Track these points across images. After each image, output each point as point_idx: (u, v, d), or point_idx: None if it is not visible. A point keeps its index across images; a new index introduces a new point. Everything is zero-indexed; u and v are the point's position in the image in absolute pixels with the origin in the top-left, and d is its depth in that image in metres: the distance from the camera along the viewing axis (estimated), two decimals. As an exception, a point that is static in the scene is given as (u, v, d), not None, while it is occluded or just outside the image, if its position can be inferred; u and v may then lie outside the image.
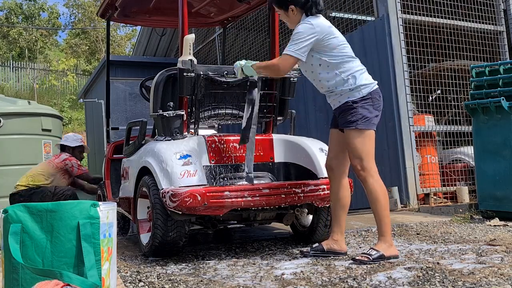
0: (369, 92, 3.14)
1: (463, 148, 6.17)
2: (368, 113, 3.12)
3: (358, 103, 3.12)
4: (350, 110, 3.13)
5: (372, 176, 3.12)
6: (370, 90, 3.15)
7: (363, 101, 3.13)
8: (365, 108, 3.12)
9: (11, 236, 1.92)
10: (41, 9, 26.16)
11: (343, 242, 3.30)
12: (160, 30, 10.23)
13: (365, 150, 3.14)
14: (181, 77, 3.50)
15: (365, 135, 3.14)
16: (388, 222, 3.10)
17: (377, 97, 3.17)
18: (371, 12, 6.14)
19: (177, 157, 3.31)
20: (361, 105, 3.12)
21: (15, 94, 19.27)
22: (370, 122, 3.13)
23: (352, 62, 3.18)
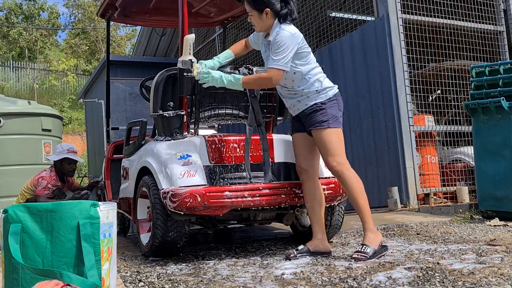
0: (334, 94, 3.31)
1: (463, 148, 6.18)
2: (336, 113, 3.29)
3: (326, 104, 3.28)
4: (319, 111, 3.26)
5: (348, 169, 3.24)
6: (334, 92, 3.33)
7: (330, 102, 3.29)
8: (333, 108, 3.28)
9: (11, 236, 1.92)
10: (41, 9, 26.17)
11: (326, 241, 3.36)
12: (160, 30, 10.24)
13: (338, 147, 3.26)
14: (181, 77, 3.50)
15: (337, 133, 3.28)
16: (368, 211, 3.26)
17: (340, 99, 3.36)
18: (371, 12, 6.15)
19: (177, 157, 3.31)
20: (329, 106, 3.28)
21: (15, 94, 19.29)
22: (338, 120, 3.30)
23: (317, 68, 3.35)
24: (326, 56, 6.71)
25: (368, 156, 6.06)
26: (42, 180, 5.22)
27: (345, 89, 6.41)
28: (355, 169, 3.26)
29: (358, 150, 6.21)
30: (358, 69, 6.19)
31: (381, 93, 5.85)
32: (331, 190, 3.46)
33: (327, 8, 7.34)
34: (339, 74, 6.48)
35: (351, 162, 6.34)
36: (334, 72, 6.56)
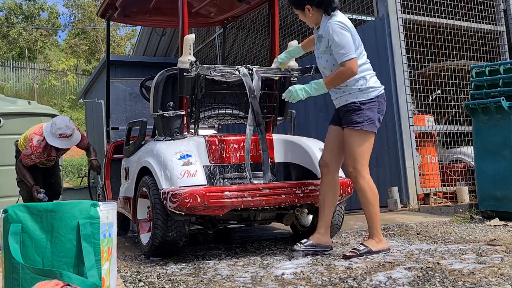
0: (376, 96, 3.22)
1: (463, 148, 6.18)
2: (373, 115, 3.21)
3: (366, 104, 3.20)
4: (357, 110, 3.20)
5: (363, 177, 3.21)
6: (377, 93, 3.24)
7: (370, 103, 3.21)
8: (372, 110, 3.20)
9: (11, 236, 1.92)
10: (40, 9, 26.18)
11: (328, 237, 3.38)
12: (160, 30, 10.24)
13: (362, 152, 3.21)
14: (181, 77, 3.50)
15: (367, 137, 3.22)
16: (377, 220, 3.25)
17: (382, 101, 3.28)
18: (371, 12, 6.14)
19: (177, 157, 3.31)
20: (368, 107, 3.20)
21: (15, 94, 19.29)
22: (374, 124, 3.22)
23: (365, 64, 3.27)
24: (326, 56, 6.69)
25: (368, 156, 6.05)
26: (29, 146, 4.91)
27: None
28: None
29: (358, 150, 6.20)
30: (358, 69, 6.17)
31: (381, 93, 5.84)
32: (331, 190, 3.46)
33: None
34: (339, 74, 6.47)
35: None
36: (334, 72, 6.55)
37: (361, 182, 3.20)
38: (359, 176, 3.20)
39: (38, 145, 4.89)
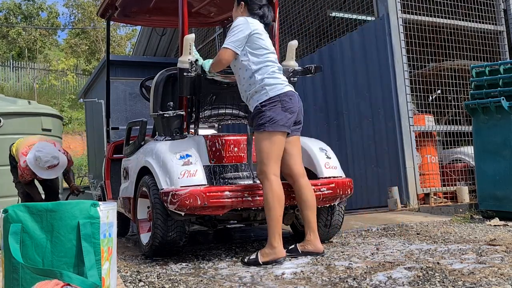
0: (277, 94, 3.16)
1: (463, 148, 6.18)
2: (276, 115, 3.13)
3: (266, 106, 3.16)
4: (259, 113, 3.18)
5: (268, 179, 3.12)
6: (278, 92, 3.17)
7: (271, 104, 3.15)
8: (273, 110, 3.14)
9: (11, 236, 1.92)
10: (40, 8, 26.17)
11: (317, 241, 3.25)
12: (160, 30, 10.24)
13: (267, 154, 3.14)
14: (181, 77, 3.50)
15: (271, 138, 3.14)
16: (274, 226, 3.09)
17: (287, 99, 3.18)
18: (371, 12, 6.14)
19: (177, 157, 3.31)
20: (269, 108, 3.15)
21: (15, 94, 19.29)
22: (277, 124, 3.13)
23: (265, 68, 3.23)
24: (326, 56, 6.71)
25: (368, 156, 6.06)
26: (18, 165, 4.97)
27: (345, 89, 6.41)
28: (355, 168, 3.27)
29: (358, 150, 6.21)
30: (358, 69, 6.19)
31: (381, 93, 5.85)
32: (331, 190, 3.46)
33: (327, 8, 7.34)
34: (339, 74, 6.48)
35: (351, 161, 6.40)
36: (334, 72, 6.56)
37: (265, 183, 3.12)
38: (264, 178, 3.13)
39: (25, 167, 4.99)
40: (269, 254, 3.07)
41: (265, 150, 3.14)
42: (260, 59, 3.24)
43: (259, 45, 3.25)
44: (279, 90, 3.18)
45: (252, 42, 3.23)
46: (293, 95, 3.23)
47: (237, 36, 3.21)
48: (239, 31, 3.21)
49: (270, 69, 3.24)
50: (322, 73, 6.44)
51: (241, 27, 3.22)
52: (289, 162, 3.30)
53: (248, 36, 3.22)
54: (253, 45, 3.24)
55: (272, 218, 3.10)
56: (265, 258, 3.06)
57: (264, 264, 3.04)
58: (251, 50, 3.24)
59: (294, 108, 3.21)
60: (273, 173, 3.13)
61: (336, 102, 6.55)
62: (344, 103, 6.41)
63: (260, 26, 3.31)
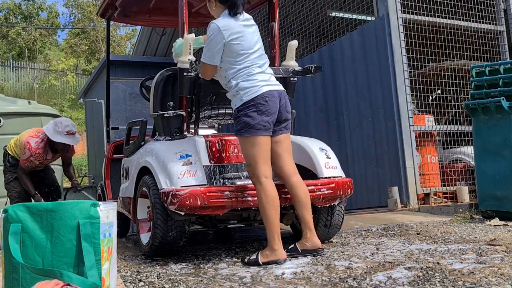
0: (251, 99, 3.11)
1: (463, 148, 6.18)
2: (251, 120, 3.09)
3: (242, 111, 3.14)
4: (236, 118, 3.18)
5: (259, 182, 3.11)
6: (253, 95, 3.12)
7: (245, 108, 3.12)
8: (248, 115, 3.10)
9: (11, 236, 1.92)
10: (39, 8, 26.17)
11: (314, 238, 3.24)
12: (160, 30, 10.23)
13: (253, 156, 3.12)
14: (181, 77, 3.50)
15: (251, 142, 3.12)
16: (271, 228, 3.09)
17: (263, 102, 3.11)
18: (371, 12, 6.15)
19: (177, 157, 3.31)
20: (244, 113, 3.13)
21: (15, 94, 19.29)
22: (254, 128, 3.10)
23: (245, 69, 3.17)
24: (326, 56, 6.71)
25: (368, 156, 6.06)
26: (27, 149, 4.95)
27: (345, 89, 6.41)
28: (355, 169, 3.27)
29: (358, 150, 6.21)
30: (358, 69, 6.19)
31: (381, 93, 5.85)
32: (331, 190, 3.46)
33: (327, 8, 7.34)
34: (339, 74, 6.48)
35: (351, 162, 6.40)
36: (334, 72, 6.56)
37: (257, 187, 3.11)
38: (256, 181, 3.12)
39: (37, 147, 4.96)
40: (270, 255, 3.07)
41: (250, 154, 3.13)
42: (236, 64, 3.17)
43: (235, 50, 3.16)
44: (253, 93, 3.11)
45: (228, 50, 3.16)
46: (270, 96, 3.13)
47: (212, 50, 3.16)
48: (213, 44, 3.15)
49: (246, 71, 3.16)
50: (322, 73, 6.43)
51: (214, 38, 3.15)
52: (278, 162, 3.27)
53: (224, 45, 3.15)
54: (228, 53, 3.17)
55: (268, 221, 3.10)
56: (265, 259, 3.06)
57: (264, 264, 3.04)
58: (227, 57, 3.18)
59: (271, 109, 3.14)
60: (263, 175, 3.11)
61: (336, 102, 6.55)
62: (344, 103, 6.41)
63: (236, 27, 3.18)
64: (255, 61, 3.21)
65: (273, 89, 3.19)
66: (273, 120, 3.18)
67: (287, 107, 3.28)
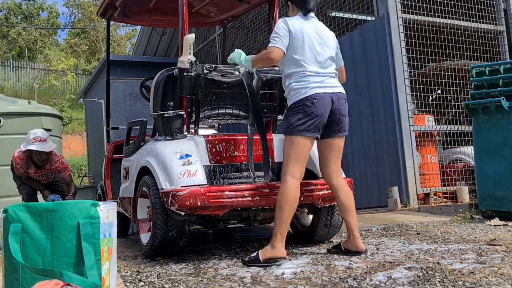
0: (299, 100, 3.16)
1: (463, 148, 6.18)
2: (296, 121, 3.15)
3: (290, 110, 3.21)
4: (285, 118, 3.26)
5: (284, 181, 3.16)
6: (302, 96, 3.15)
7: (293, 108, 3.18)
8: (294, 115, 3.16)
9: (11, 236, 1.92)
10: (40, 8, 26.16)
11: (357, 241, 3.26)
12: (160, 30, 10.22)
13: (287, 156, 3.19)
14: (181, 77, 3.50)
15: (291, 141, 3.19)
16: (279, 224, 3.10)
17: (309, 104, 3.13)
18: (371, 12, 6.14)
19: (177, 157, 3.31)
20: (291, 113, 3.19)
21: (15, 94, 19.28)
22: (296, 129, 3.15)
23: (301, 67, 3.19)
24: (326, 56, 6.69)
25: (368, 156, 6.06)
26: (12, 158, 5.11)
27: (345, 89, 6.38)
28: (355, 168, 3.28)
29: (358, 150, 6.21)
30: (358, 68, 6.18)
31: (381, 93, 5.85)
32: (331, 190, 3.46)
33: (327, 8, 7.34)
34: (339, 74, 6.47)
35: (351, 162, 6.39)
36: (334, 72, 6.55)
37: (281, 184, 3.17)
38: (282, 179, 3.18)
39: (18, 156, 5.10)
40: (270, 252, 3.08)
41: (286, 153, 3.20)
42: (291, 62, 3.22)
43: (292, 45, 3.20)
44: (302, 95, 3.15)
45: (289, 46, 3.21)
46: (318, 98, 3.15)
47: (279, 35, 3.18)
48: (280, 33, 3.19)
49: (300, 73, 3.19)
50: (322, 73, 6.41)
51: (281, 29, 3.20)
52: (325, 163, 3.35)
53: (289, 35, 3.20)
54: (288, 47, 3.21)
55: (278, 217, 3.12)
56: (265, 255, 3.06)
57: (265, 262, 3.04)
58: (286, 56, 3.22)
59: (319, 111, 3.15)
60: (290, 174, 3.15)
61: (336, 102, 6.53)
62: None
63: (298, 22, 3.24)
64: (311, 62, 3.22)
65: (325, 92, 3.20)
66: (320, 122, 3.18)
67: (342, 110, 3.28)
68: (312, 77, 3.19)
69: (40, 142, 4.96)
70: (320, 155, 3.36)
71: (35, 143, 4.94)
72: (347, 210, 3.30)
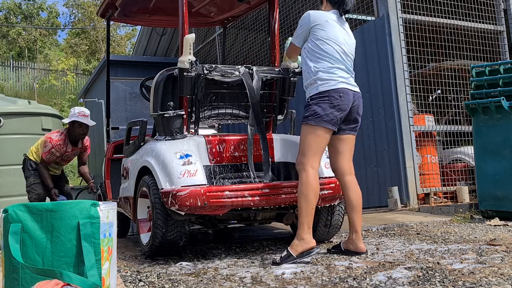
0: (327, 90, 3.15)
1: (463, 148, 6.18)
2: (321, 111, 3.14)
3: (315, 99, 3.18)
4: (307, 106, 3.22)
5: (305, 170, 3.14)
6: (329, 87, 3.16)
7: (319, 98, 3.17)
8: (319, 105, 3.15)
9: (11, 236, 1.92)
10: (40, 8, 26.15)
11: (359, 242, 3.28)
12: (160, 30, 10.24)
13: (308, 146, 3.17)
14: (181, 77, 3.50)
15: (312, 130, 3.16)
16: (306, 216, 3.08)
17: (337, 96, 3.15)
18: (371, 12, 6.14)
19: (177, 157, 3.31)
20: (316, 102, 3.17)
21: (15, 93, 19.27)
22: (321, 119, 3.14)
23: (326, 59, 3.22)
24: (326, 56, 6.70)
25: (368, 156, 6.06)
26: (48, 142, 5.21)
27: (345, 89, 6.40)
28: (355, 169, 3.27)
29: (358, 150, 6.19)
30: (358, 68, 6.15)
31: (381, 93, 5.85)
32: (331, 190, 3.46)
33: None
34: (339, 74, 6.47)
35: (351, 162, 6.36)
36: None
37: (302, 174, 3.14)
38: (302, 169, 3.15)
39: (57, 139, 5.23)
40: (300, 245, 3.06)
41: (306, 142, 3.17)
42: (318, 52, 3.22)
43: (319, 36, 3.22)
44: (330, 86, 3.16)
45: (313, 35, 3.24)
46: (344, 92, 3.17)
47: (298, 32, 3.32)
48: (300, 27, 3.31)
49: (328, 64, 3.21)
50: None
51: (301, 23, 3.31)
52: (336, 159, 3.35)
53: (310, 30, 3.25)
54: (313, 37, 3.25)
55: (303, 208, 3.09)
56: (297, 250, 3.04)
57: (299, 257, 3.02)
58: (310, 44, 3.25)
59: (344, 106, 3.17)
60: (310, 165, 3.14)
61: (336, 102, 6.53)
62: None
63: (327, 16, 3.28)
64: (337, 55, 3.25)
65: (349, 88, 3.23)
66: (342, 117, 3.20)
67: (359, 110, 3.31)
68: (341, 71, 3.22)
69: (84, 117, 5.18)
70: (332, 150, 3.35)
71: (80, 117, 5.15)
72: (354, 208, 3.29)
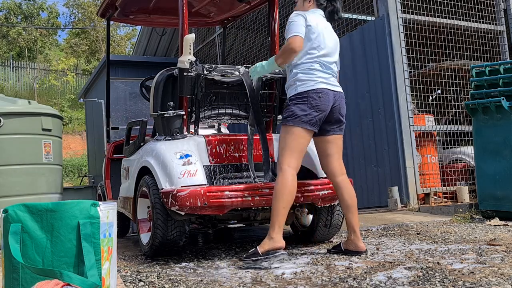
0: (305, 91, 3.15)
1: (463, 148, 6.18)
2: (300, 111, 3.13)
3: (293, 100, 3.19)
4: (286, 106, 3.23)
5: (282, 170, 3.13)
6: (307, 88, 3.15)
7: (297, 99, 3.17)
8: (298, 106, 3.15)
9: (11, 236, 1.92)
10: (40, 8, 26.16)
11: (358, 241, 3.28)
12: (160, 30, 10.24)
13: (286, 146, 3.16)
14: (181, 77, 3.50)
15: (291, 132, 3.16)
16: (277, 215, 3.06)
17: (315, 97, 3.14)
18: (371, 12, 6.14)
19: (177, 157, 3.31)
20: (294, 103, 3.17)
21: (15, 93, 19.30)
22: (299, 120, 3.14)
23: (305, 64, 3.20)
24: (326, 56, 6.69)
25: (368, 156, 6.06)
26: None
27: (345, 89, 6.37)
28: (355, 168, 3.29)
29: (358, 150, 6.21)
30: (358, 68, 6.19)
31: (381, 93, 5.85)
32: (331, 190, 3.46)
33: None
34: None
35: (351, 161, 6.40)
36: (334, 72, 6.55)
37: (278, 173, 3.14)
38: (279, 169, 3.15)
39: None
40: (267, 244, 3.04)
41: (284, 142, 3.18)
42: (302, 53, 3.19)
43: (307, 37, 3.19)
44: (309, 87, 3.15)
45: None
46: (324, 93, 3.16)
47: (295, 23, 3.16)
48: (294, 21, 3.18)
49: (309, 65, 3.19)
50: (322, 73, 6.42)
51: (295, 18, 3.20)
52: (326, 161, 3.35)
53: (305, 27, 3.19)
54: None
55: (274, 208, 3.09)
56: (263, 248, 3.02)
57: (264, 255, 3.00)
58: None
59: (323, 106, 3.16)
60: (287, 164, 3.13)
61: (336, 102, 6.53)
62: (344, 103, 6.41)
63: (317, 19, 3.26)
64: (320, 58, 3.23)
65: (329, 89, 3.22)
66: (322, 117, 3.19)
67: (341, 110, 3.31)
68: (319, 72, 3.21)
69: None
70: (320, 152, 3.37)
71: None
72: (349, 208, 3.30)
